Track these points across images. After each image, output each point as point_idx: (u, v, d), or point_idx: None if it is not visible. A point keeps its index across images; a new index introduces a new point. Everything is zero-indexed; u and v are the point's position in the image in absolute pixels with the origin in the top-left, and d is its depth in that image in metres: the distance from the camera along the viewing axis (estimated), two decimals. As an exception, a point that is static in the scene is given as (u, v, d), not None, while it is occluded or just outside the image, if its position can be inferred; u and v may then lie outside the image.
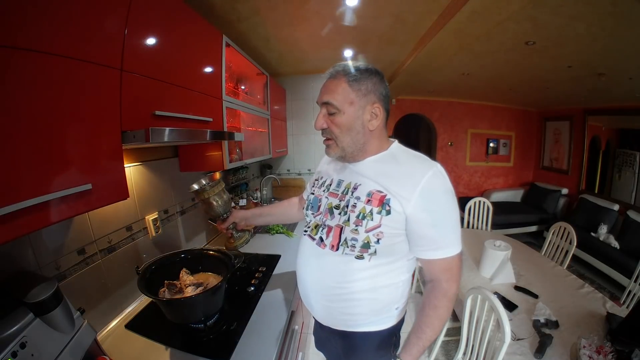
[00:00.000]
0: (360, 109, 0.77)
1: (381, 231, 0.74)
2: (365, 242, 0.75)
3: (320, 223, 0.86)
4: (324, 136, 0.82)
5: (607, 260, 2.99)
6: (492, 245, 1.85)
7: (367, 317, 0.84)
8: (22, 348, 0.59)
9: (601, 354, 1.11)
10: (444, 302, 0.77)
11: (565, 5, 1.53)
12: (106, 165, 0.72)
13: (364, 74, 0.77)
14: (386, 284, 0.80)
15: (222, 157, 1.45)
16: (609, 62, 2.36)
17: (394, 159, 0.81)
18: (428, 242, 0.74)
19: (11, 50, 0.50)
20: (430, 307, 0.78)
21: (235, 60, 1.71)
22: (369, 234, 0.74)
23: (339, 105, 0.76)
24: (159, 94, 0.91)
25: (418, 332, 0.79)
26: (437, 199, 0.73)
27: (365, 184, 0.79)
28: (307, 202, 0.95)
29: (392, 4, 1.55)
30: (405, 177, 0.74)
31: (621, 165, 3.56)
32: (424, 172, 0.73)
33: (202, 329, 1.02)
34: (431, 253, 0.75)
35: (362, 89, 0.76)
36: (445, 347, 1.98)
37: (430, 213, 0.72)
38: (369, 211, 0.75)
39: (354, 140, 0.79)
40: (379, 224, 0.74)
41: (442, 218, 0.73)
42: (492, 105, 4.87)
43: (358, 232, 0.75)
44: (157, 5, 0.89)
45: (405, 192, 0.72)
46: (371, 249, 0.75)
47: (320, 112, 0.81)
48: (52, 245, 0.88)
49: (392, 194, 0.73)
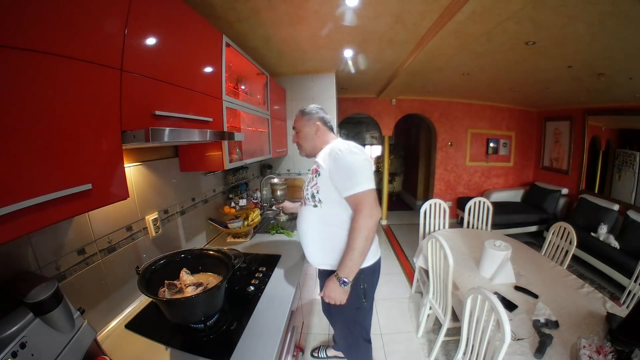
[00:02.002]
0: (310, 128, 1.34)
1: (317, 185, 1.23)
2: (312, 194, 1.25)
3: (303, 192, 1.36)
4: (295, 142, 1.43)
5: (607, 260, 2.99)
6: (492, 245, 1.85)
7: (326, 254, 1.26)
8: (22, 348, 0.59)
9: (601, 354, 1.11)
10: (364, 222, 1.09)
11: (565, 5, 1.53)
12: (106, 165, 0.72)
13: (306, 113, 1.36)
14: (331, 222, 1.22)
15: (222, 157, 1.45)
16: (609, 62, 2.36)
17: (326, 149, 1.26)
18: (342, 184, 1.14)
19: (11, 50, 0.50)
20: (354, 229, 1.10)
21: (235, 60, 1.71)
22: (312, 188, 1.25)
23: (297, 127, 1.38)
24: (159, 94, 0.91)
25: (347, 252, 1.11)
26: (338, 157, 1.15)
27: (314, 165, 1.28)
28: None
29: (392, 4, 1.55)
30: (326, 153, 1.23)
31: (621, 165, 3.56)
32: (331, 146, 1.23)
33: (202, 329, 1.02)
34: (346, 192, 1.13)
35: (306, 117, 1.36)
36: (445, 347, 1.98)
37: (335, 167, 1.15)
38: (311, 177, 1.28)
39: (309, 145, 1.36)
40: (315, 183, 1.24)
41: (342, 168, 1.14)
42: (492, 105, 4.86)
43: (308, 190, 1.28)
44: (157, 5, 0.89)
45: (324, 161, 1.20)
46: (316, 197, 1.23)
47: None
48: (52, 245, 0.88)
49: (320, 164, 1.22)
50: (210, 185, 1.95)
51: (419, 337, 2.14)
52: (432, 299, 1.98)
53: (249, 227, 1.90)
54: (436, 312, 1.91)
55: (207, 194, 1.90)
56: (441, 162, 5.05)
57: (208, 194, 1.91)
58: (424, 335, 2.16)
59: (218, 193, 2.05)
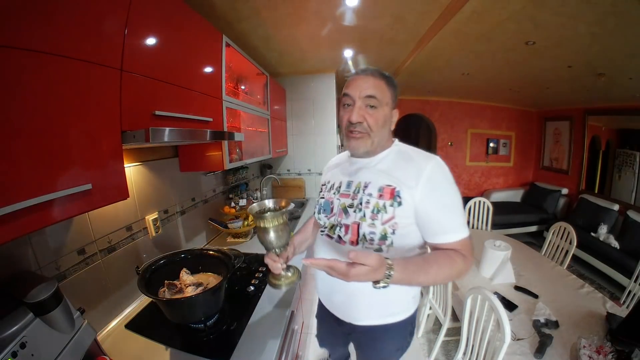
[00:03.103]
0: (390, 110, 0.86)
1: (396, 222, 0.79)
2: (383, 234, 0.79)
3: (336, 223, 0.89)
4: (354, 129, 0.83)
5: (607, 260, 2.99)
6: (492, 245, 1.85)
7: (387, 308, 0.90)
8: (22, 348, 0.59)
9: (601, 354, 1.11)
10: (464, 268, 0.75)
11: (565, 5, 1.53)
12: (106, 165, 0.72)
13: (392, 80, 0.86)
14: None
15: (222, 157, 1.45)
16: (609, 62, 2.36)
17: (399, 154, 0.88)
18: (436, 226, 0.78)
19: (11, 50, 0.50)
20: (451, 264, 0.74)
21: (235, 60, 1.71)
22: (385, 225, 0.79)
23: (381, 101, 0.82)
24: (159, 94, 0.91)
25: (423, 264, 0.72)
26: (440, 186, 0.78)
27: (375, 180, 0.84)
28: (318, 206, 0.97)
29: (392, 4, 1.55)
30: (410, 169, 0.80)
31: (621, 165, 3.56)
32: (427, 163, 0.79)
33: (202, 329, 1.02)
34: (441, 237, 0.78)
35: (392, 92, 0.85)
36: (445, 347, 1.98)
37: (436, 198, 0.77)
38: (382, 205, 0.80)
39: (383, 136, 0.86)
40: (392, 216, 0.79)
41: (446, 203, 0.78)
42: (492, 105, 4.86)
43: (375, 226, 0.80)
44: (157, 5, 0.89)
45: (412, 181, 0.78)
46: (388, 239, 0.79)
47: (355, 105, 0.82)
48: (52, 245, 0.88)
49: (401, 185, 0.79)
50: (210, 185, 1.94)
51: (419, 337, 2.14)
52: (432, 299, 1.98)
53: (249, 227, 1.90)
54: (436, 312, 1.91)
55: (207, 194, 1.90)
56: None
57: (208, 194, 1.91)
58: (424, 335, 2.16)
59: (218, 193, 2.05)
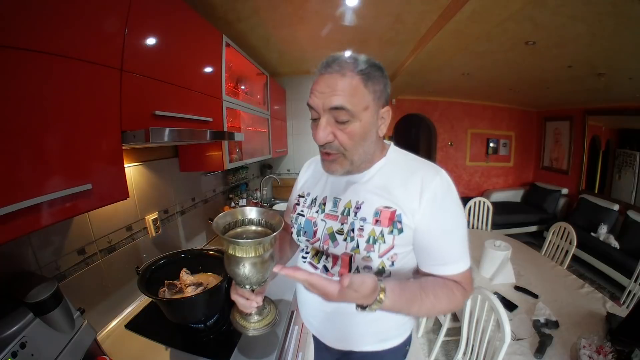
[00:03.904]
0: (374, 114, 0.64)
1: (395, 253, 0.66)
2: (380, 267, 0.67)
3: (321, 250, 0.74)
4: (325, 150, 0.65)
5: (607, 260, 2.99)
6: (492, 245, 1.85)
7: (380, 335, 0.79)
8: (22, 348, 0.59)
9: (601, 354, 1.11)
10: (462, 299, 0.66)
11: (565, 5, 1.53)
12: (106, 165, 0.72)
13: (375, 70, 0.62)
14: None
15: (222, 157, 1.45)
16: (609, 62, 2.36)
17: (396, 165, 0.71)
18: (436, 255, 0.66)
19: (11, 50, 0.50)
20: (447, 289, 0.64)
21: (235, 60, 1.71)
22: (383, 258, 0.66)
23: (355, 111, 0.60)
24: (159, 94, 0.91)
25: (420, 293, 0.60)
26: (445, 208, 0.65)
27: (370, 200, 0.68)
28: (297, 227, 0.79)
29: (392, 4, 1.55)
30: (410, 185, 0.65)
31: (621, 165, 3.56)
32: (430, 179, 0.65)
33: (202, 329, 1.02)
34: (440, 268, 0.66)
35: (376, 89, 0.63)
36: (445, 347, 1.98)
37: (438, 224, 0.64)
38: (379, 233, 0.65)
39: (365, 150, 0.66)
40: (392, 245, 0.65)
41: (449, 230, 0.65)
42: (492, 105, 4.87)
43: (371, 259, 0.66)
44: (157, 5, 0.89)
45: (414, 201, 0.64)
46: (386, 272, 0.68)
47: (321, 121, 0.62)
48: (52, 245, 0.88)
49: (402, 208, 0.64)
50: (210, 185, 1.94)
51: (419, 337, 2.14)
52: (432, 299, 1.98)
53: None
54: (436, 312, 1.91)
55: (207, 194, 1.90)
56: (441, 162, 5.05)
57: (208, 194, 1.90)
58: (424, 335, 2.16)
59: (218, 193, 2.05)
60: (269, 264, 0.60)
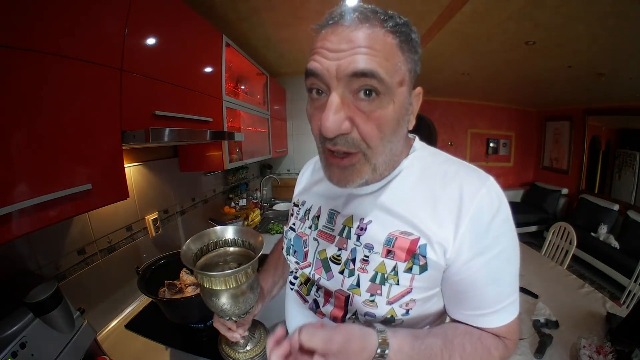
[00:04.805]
0: (409, 95, 0.44)
1: (412, 299, 0.46)
2: (389, 316, 0.46)
3: (311, 278, 0.55)
4: (337, 147, 0.41)
5: (607, 260, 2.99)
6: (492, 245, 1.85)
7: None
8: (22, 348, 0.59)
9: (601, 354, 1.11)
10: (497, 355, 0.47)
11: (565, 5, 1.53)
12: (106, 165, 0.72)
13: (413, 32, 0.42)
14: None
15: (222, 157, 1.45)
16: (609, 62, 2.37)
17: (422, 171, 0.49)
18: (473, 303, 0.46)
19: (11, 50, 0.50)
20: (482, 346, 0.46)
21: (235, 60, 1.71)
22: (394, 305, 0.46)
23: (390, 83, 0.39)
24: (159, 94, 0.91)
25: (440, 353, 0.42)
26: (494, 236, 0.43)
27: (380, 220, 0.48)
28: (286, 243, 0.63)
29: (392, 4, 1.54)
30: (442, 202, 0.44)
31: (621, 165, 3.56)
32: (473, 192, 0.43)
33: (202, 329, 1.02)
34: (477, 319, 0.46)
35: (414, 59, 0.43)
36: (445, 347, 1.98)
37: (483, 261, 0.43)
38: (391, 270, 0.45)
39: (393, 150, 0.45)
40: (409, 288, 0.45)
41: (499, 268, 0.45)
42: (492, 105, 4.86)
43: (376, 305, 0.46)
44: (157, 5, 0.89)
45: (446, 227, 0.43)
46: (396, 322, 0.47)
47: (332, 98, 0.39)
48: (52, 245, 0.88)
49: (427, 235, 0.44)
50: (210, 185, 1.94)
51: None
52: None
53: (249, 227, 1.90)
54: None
55: (207, 194, 1.90)
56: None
57: (208, 194, 1.90)
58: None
59: (218, 193, 2.05)
60: (250, 294, 0.52)
